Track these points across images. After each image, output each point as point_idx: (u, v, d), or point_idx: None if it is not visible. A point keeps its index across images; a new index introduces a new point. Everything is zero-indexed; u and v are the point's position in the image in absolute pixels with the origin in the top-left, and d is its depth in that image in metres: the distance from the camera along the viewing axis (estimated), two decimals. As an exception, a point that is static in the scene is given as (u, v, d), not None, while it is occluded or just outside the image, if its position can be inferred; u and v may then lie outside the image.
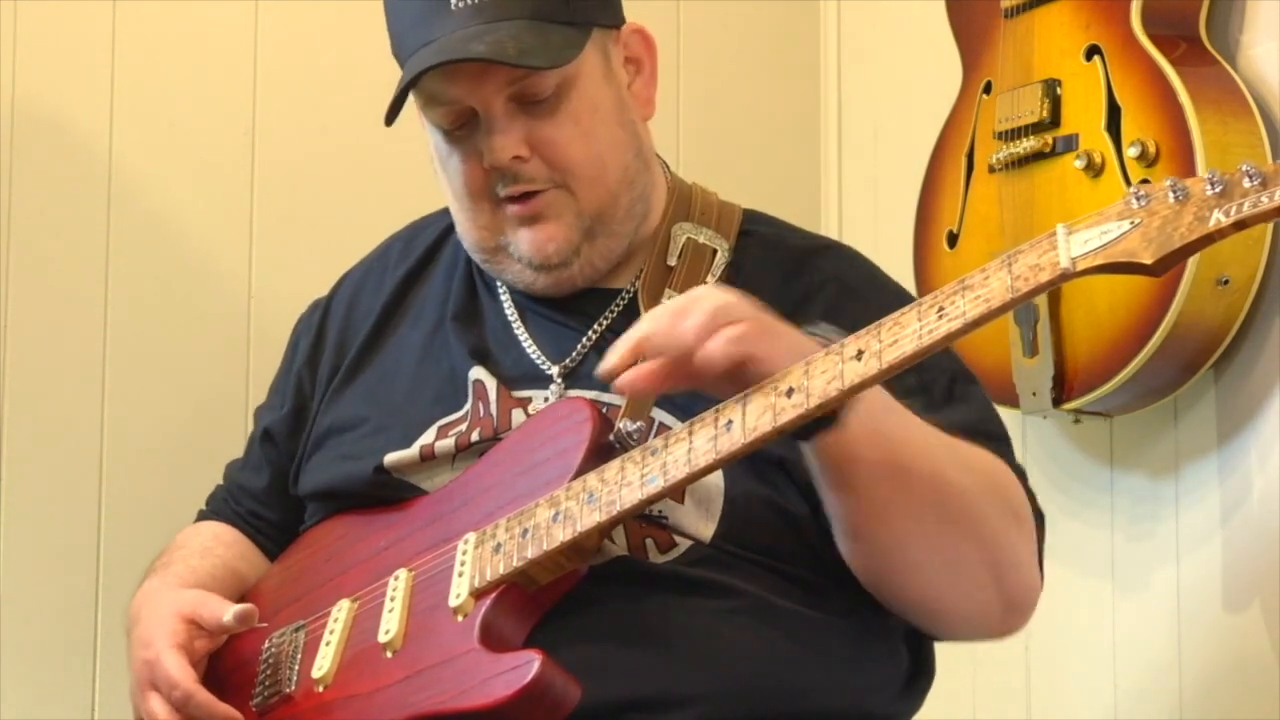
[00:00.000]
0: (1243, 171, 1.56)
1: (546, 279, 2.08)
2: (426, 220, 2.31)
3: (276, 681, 2.03)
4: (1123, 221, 1.62)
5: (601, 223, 2.07)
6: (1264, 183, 1.55)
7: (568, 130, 2.04)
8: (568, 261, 2.07)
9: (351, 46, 2.90)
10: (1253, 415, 2.50)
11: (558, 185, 2.05)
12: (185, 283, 2.81)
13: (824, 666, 1.96)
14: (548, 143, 2.04)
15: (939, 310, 1.68)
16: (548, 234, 2.06)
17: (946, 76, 2.76)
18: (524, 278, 2.10)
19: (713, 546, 1.96)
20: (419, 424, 2.10)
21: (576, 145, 2.05)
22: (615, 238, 2.09)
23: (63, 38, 2.78)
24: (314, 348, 2.26)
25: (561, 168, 2.04)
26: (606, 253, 2.09)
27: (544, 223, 2.06)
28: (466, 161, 2.07)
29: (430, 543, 1.98)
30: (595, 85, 2.08)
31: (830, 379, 1.73)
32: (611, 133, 2.08)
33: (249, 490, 2.28)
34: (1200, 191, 1.58)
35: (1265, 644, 2.46)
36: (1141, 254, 1.59)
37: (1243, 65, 2.52)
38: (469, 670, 1.84)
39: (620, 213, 2.08)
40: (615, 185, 2.08)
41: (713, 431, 1.79)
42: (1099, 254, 1.62)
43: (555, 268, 2.07)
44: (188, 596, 2.08)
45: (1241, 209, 1.55)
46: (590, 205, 2.06)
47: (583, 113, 2.06)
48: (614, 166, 2.08)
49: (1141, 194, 1.62)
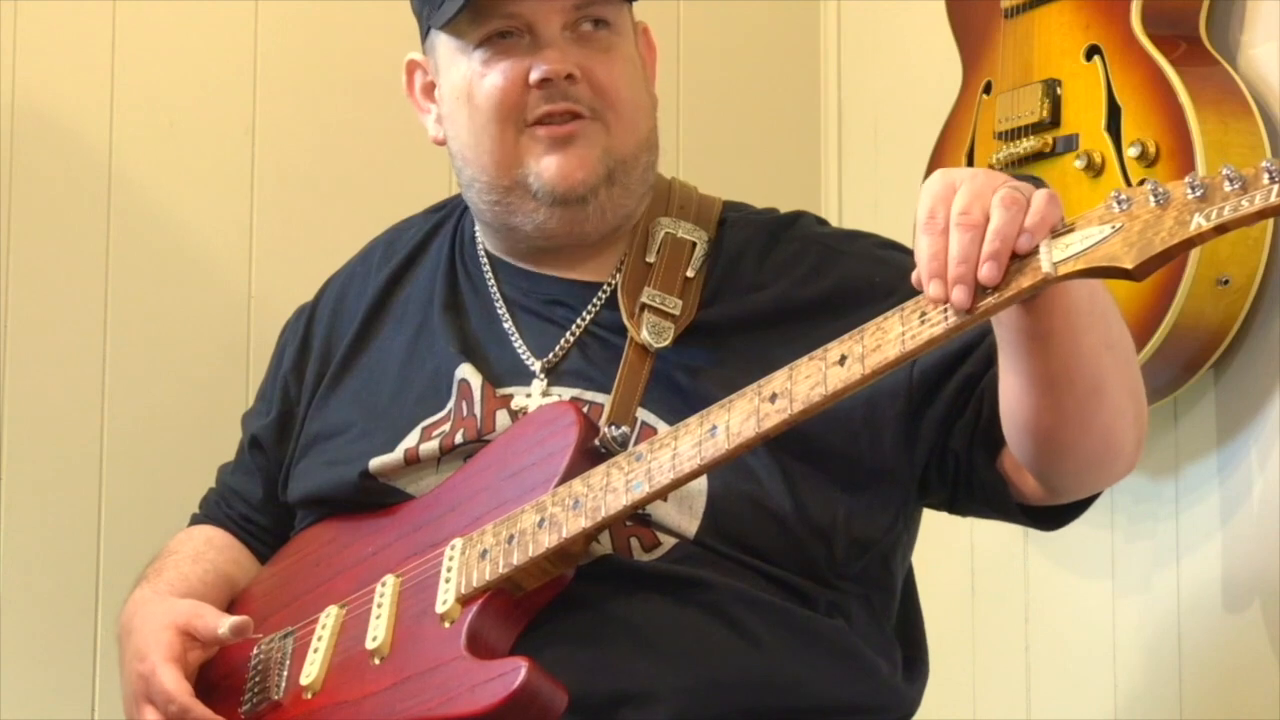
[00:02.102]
0: (1223, 175, 1.55)
1: (562, 215, 2.07)
2: (408, 222, 2.31)
3: (265, 688, 2.03)
4: (1104, 225, 1.62)
5: (623, 170, 2.07)
6: (1244, 186, 1.54)
7: (619, 69, 2.07)
8: (586, 198, 2.06)
9: (351, 46, 2.90)
10: (1253, 415, 2.50)
11: (596, 117, 2.05)
12: (185, 283, 2.82)
13: (810, 660, 1.96)
14: (600, 73, 2.05)
15: (921, 315, 1.68)
16: (578, 160, 2.05)
17: (946, 76, 2.76)
18: (538, 217, 2.08)
19: (696, 544, 1.96)
20: (403, 426, 2.10)
21: (624, 84, 2.07)
22: (628, 193, 2.09)
23: (63, 38, 2.78)
24: (299, 354, 2.26)
25: (608, 98, 2.05)
26: (618, 205, 2.08)
27: (575, 148, 2.05)
28: (505, 77, 2.05)
29: (417, 548, 1.99)
30: (632, 45, 2.11)
31: (814, 385, 1.73)
32: (645, 94, 2.12)
33: (240, 494, 2.28)
34: (1181, 195, 1.57)
35: (1265, 644, 2.46)
36: (1122, 259, 1.59)
37: (1243, 65, 2.51)
38: (456, 677, 1.84)
39: (639, 169, 2.09)
40: (642, 140, 2.09)
41: (697, 437, 1.79)
42: (1080, 258, 1.61)
43: (575, 202, 2.06)
44: (182, 607, 2.08)
45: (1222, 213, 1.54)
46: (620, 146, 2.07)
47: (629, 61, 2.09)
48: (644, 122, 2.10)
49: (1123, 197, 1.62)
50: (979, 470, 1.98)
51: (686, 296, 2.06)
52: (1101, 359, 1.83)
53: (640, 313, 2.05)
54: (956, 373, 1.97)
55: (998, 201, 1.67)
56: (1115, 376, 1.86)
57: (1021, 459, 1.92)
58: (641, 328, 2.03)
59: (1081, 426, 1.86)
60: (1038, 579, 2.78)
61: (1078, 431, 1.86)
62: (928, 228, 1.70)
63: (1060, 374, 1.81)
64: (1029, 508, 1.99)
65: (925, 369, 1.97)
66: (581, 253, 2.12)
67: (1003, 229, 1.65)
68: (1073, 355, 1.80)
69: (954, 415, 1.97)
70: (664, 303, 2.05)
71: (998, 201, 1.67)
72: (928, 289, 1.68)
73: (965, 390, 1.97)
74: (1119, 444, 1.91)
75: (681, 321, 2.04)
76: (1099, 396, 1.85)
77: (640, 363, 2.02)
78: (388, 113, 2.88)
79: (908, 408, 1.98)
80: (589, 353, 2.08)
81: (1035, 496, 1.97)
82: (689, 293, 2.07)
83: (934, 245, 1.68)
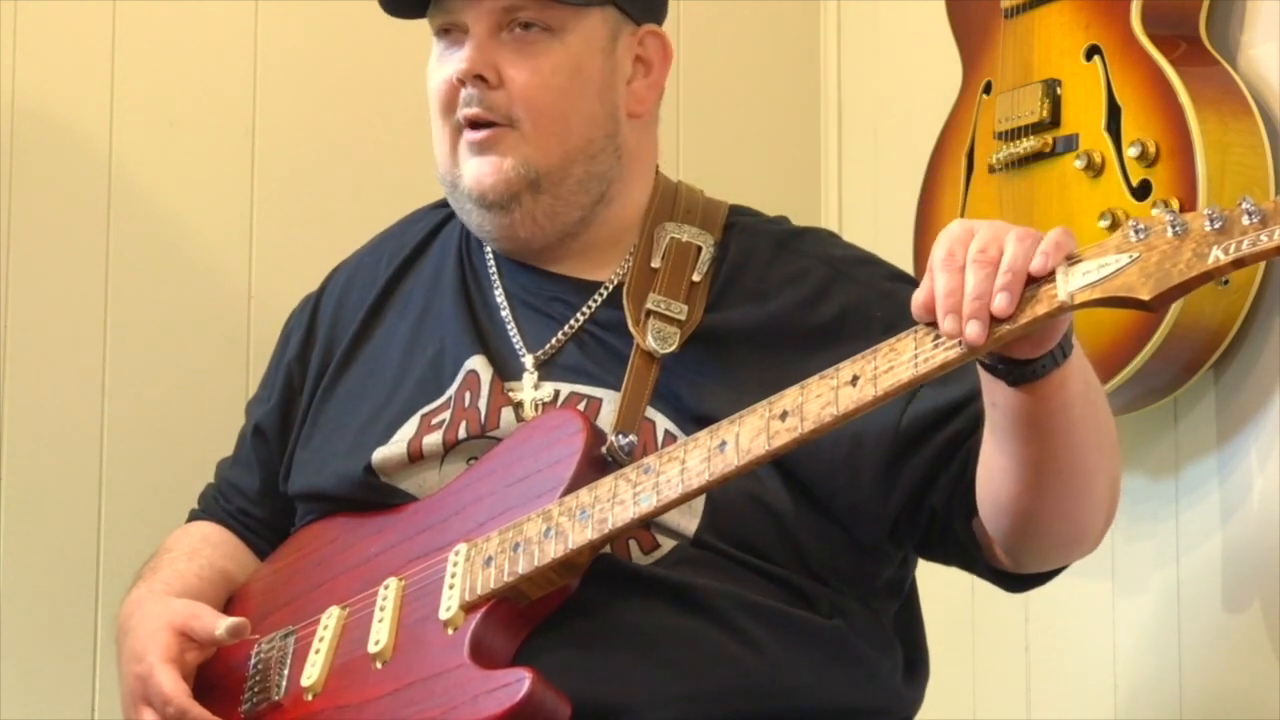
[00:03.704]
0: (1242, 209, 1.55)
1: (490, 220, 2.08)
2: (419, 214, 2.31)
3: (265, 688, 2.03)
4: (1121, 255, 1.61)
5: (549, 181, 2.07)
6: (1264, 220, 1.54)
7: (544, 75, 2.06)
8: (506, 204, 2.07)
9: (351, 46, 2.90)
10: (1253, 415, 2.50)
11: (514, 125, 2.06)
12: (185, 283, 2.81)
13: (811, 663, 1.96)
14: (519, 79, 2.05)
15: (935, 338, 1.68)
16: (491, 167, 2.06)
17: (946, 76, 2.76)
18: (473, 218, 2.10)
19: (696, 544, 1.97)
20: (402, 412, 2.10)
21: (546, 93, 2.06)
22: (562, 202, 2.08)
23: (63, 38, 2.78)
24: (304, 342, 2.26)
25: (524, 106, 2.05)
26: (551, 214, 2.08)
27: (490, 155, 2.06)
28: (443, 75, 2.08)
29: (421, 551, 1.99)
30: (588, 52, 2.09)
31: (825, 404, 1.73)
32: (586, 103, 2.09)
33: (239, 488, 2.28)
34: (1199, 227, 1.57)
35: (1265, 644, 2.46)
36: (1139, 290, 1.59)
37: (1243, 65, 2.51)
38: (459, 686, 1.84)
39: (571, 180, 2.08)
40: (572, 150, 2.08)
41: (706, 452, 1.79)
42: (1097, 288, 1.61)
43: (495, 207, 2.07)
44: (179, 608, 2.08)
45: (1241, 247, 1.54)
46: (539, 157, 2.06)
47: (564, 67, 2.07)
48: (577, 132, 2.08)
49: (1141, 227, 1.61)
50: (955, 528, 1.99)
51: (692, 302, 2.06)
52: (1091, 452, 1.85)
53: (646, 319, 2.05)
54: (946, 427, 1.97)
55: (1011, 238, 1.68)
56: (1101, 470, 1.89)
57: (992, 533, 1.95)
58: (647, 334, 2.03)
59: (1060, 514, 1.89)
60: (1037, 578, 2.78)
61: (1055, 518, 1.90)
62: (946, 264, 1.70)
63: (1049, 463, 1.84)
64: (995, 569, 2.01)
65: (915, 418, 1.98)
66: (582, 252, 2.12)
67: (1014, 262, 1.66)
68: (1064, 446, 1.83)
69: (937, 469, 1.98)
70: (669, 308, 2.05)
71: (1011, 238, 1.68)
72: (943, 325, 1.68)
73: (952, 446, 1.97)
74: (1092, 532, 1.95)
75: (687, 328, 2.04)
76: (1084, 488, 1.88)
77: (646, 369, 2.02)
78: (388, 112, 2.89)
79: (891, 453, 1.98)
80: (586, 349, 2.08)
81: (1000, 563, 1.99)
82: (694, 298, 2.07)
83: (950, 282, 1.69)
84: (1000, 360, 1.75)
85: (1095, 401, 1.85)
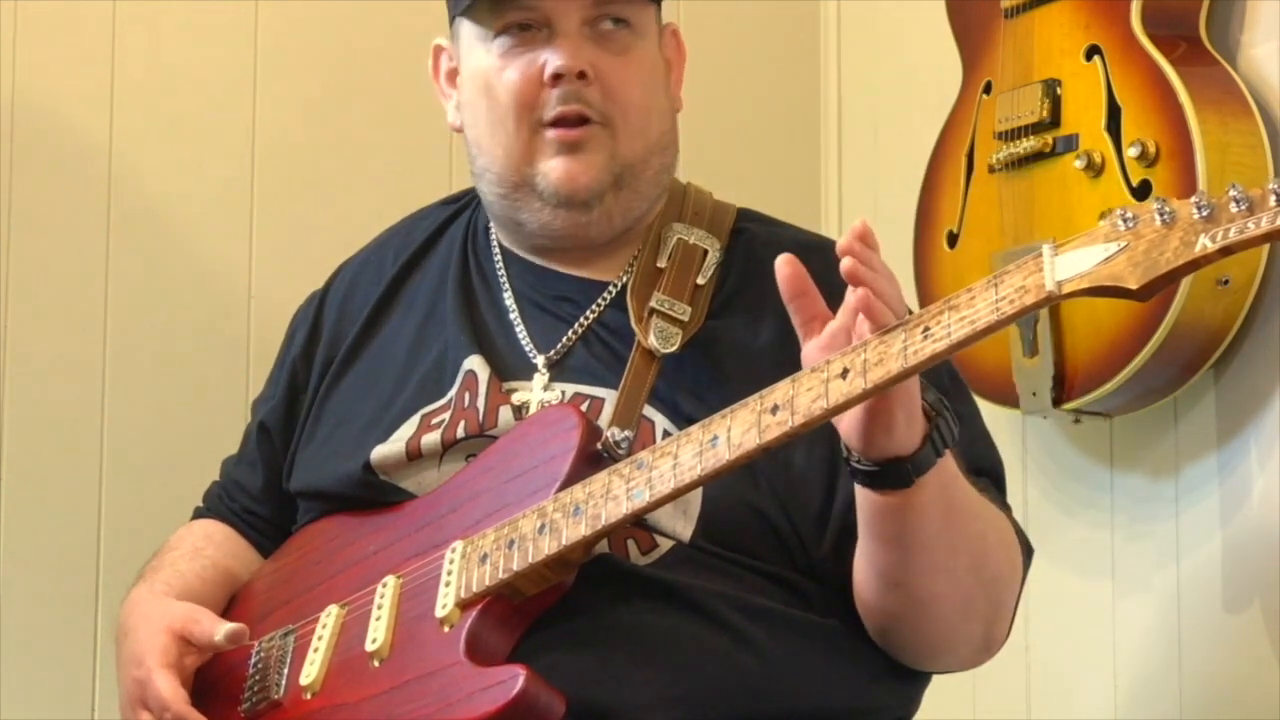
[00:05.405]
0: (1230, 196, 1.54)
1: (566, 218, 2.08)
2: (424, 212, 2.31)
3: (265, 687, 2.03)
4: (1109, 244, 1.60)
5: (631, 175, 2.08)
6: (1251, 208, 1.53)
7: (633, 71, 2.07)
8: (590, 202, 2.07)
9: (351, 47, 2.90)
10: (1253, 415, 2.50)
11: (605, 122, 2.06)
12: (185, 283, 2.82)
13: (809, 663, 1.96)
14: (613, 75, 2.06)
15: (924, 330, 1.68)
16: (584, 165, 2.06)
17: (946, 76, 2.76)
18: (542, 216, 2.09)
19: (692, 547, 1.96)
20: (403, 413, 2.10)
21: (636, 89, 2.07)
22: (637, 196, 2.10)
23: (63, 38, 2.78)
24: (309, 339, 2.26)
25: (618, 103, 2.06)
26: (625, 209, 2.09)
27: (583, 154, 2.06)
28: (521, 73, 2.06)
29: (418, 549, 1.99)
30: (654, 50, 2.12)
31: (815, 397, 1.73)
32: (660, 97, 2.12)
33: (243, 486, 2.28)
34: (1187, 215, 1.57)
35: (1265, 644, 2.46)
36: (1127, 279, 1.58)
37: (1243, 65, 2.51)
38: (454, 683, 1.84)
39: (649, 173, 2.10)
40: (653, 144, 2.10)
41: (698, 447, 1.79)
42: (1085, 278, 1.60)
43: (578, 206, 2.07)
44: (178, 611, 2.08)
45: (1228, 234, 1.53)
46: (627, 153, 2.07)
47: (646, 64, 2.09)
48: (656, 126, 2.10)
49: (1129, 215, 1.60)
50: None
51: (695, 304, 2.06)
52: (940, 575, 1.89)
53: (649, 317, 2.05)
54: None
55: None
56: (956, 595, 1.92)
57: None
58: (649, 332, 2.03)
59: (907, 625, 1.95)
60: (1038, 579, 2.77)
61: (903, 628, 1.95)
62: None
63: (895, 572, 1.90)
64: None
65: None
66: (592, 251, 2.12)
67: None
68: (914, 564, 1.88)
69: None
70: (673, 308, 2.05)
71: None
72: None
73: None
74: (950, 652, 2.00)
75: (689, 329, 2.05)
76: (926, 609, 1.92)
77: (646, 367, 2.02)
78: (387, 113, 2.89)
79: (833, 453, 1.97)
80: (593, 350, 2.08)
81: None
82: (698, 300, 2.07)
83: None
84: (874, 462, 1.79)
85: (966, 531, 1.88)
